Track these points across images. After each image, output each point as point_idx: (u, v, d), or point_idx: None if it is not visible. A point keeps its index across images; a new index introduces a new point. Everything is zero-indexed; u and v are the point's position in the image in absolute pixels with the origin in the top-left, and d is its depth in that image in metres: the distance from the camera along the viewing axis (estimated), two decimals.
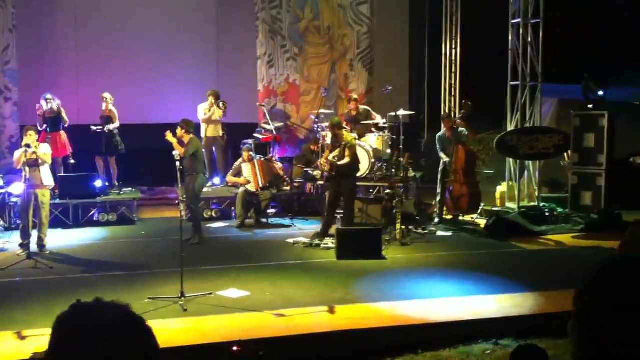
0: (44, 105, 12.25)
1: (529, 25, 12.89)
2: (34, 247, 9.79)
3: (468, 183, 12.08)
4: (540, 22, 12.78)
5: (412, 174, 12.78)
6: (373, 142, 12.77)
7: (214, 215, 12.56)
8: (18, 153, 9.73)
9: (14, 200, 11.34)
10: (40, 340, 6.27)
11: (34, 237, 9.87)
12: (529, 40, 12.87)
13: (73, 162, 12.63)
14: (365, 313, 7.41)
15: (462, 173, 12.01)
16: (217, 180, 13.65)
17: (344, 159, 10.61)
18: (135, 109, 14.23)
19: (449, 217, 12.40)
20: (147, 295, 7.70)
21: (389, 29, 16.20)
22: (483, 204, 12.63)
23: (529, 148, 12.55)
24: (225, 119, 13.70)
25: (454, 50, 15.57)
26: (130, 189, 13.07)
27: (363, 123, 13.21)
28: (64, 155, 12.51)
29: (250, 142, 13.33)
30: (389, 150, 13.01)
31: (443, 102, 15.66)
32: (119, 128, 12.94)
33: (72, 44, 14.93)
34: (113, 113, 12.85)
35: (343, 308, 7.56)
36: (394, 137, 12.94)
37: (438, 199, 12.29)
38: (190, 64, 15.25)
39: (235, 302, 7.73)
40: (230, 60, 15.55)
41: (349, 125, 13.03)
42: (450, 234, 11.55)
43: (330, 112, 14.17)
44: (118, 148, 12.93)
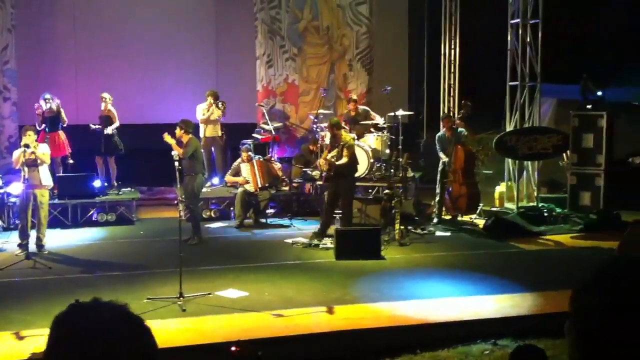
0: (43, 105, 12.24)
1: (528, 26, 12.90)
2: (33, 247, 9.78)
3: (467, 183, 12.08)
4: (539, 22, 12.79)
5: (411, 174, 12.78)
6: (372, 142, 12.77)
7: (213, 216, 12.55)
8: (17, 153, 9.72)
9: (13, 200, 11.33)
10: (39, 341, 6.27)
11: (33, 237, 9.87)
12: (528, 41, 12.88)
13: (72, 162, 12.62)
14: (364, 313, 7.42)
15: (461, 173, 12.01)
16: (216, 181, 13.64)
17: (342, 159, 10.62)
18: (134, 109, 14.21)
19: (448, 217, 12.40)
20: (145, 296, 7.70)
21: (388, 29, 16.20)
22: (482, 204, 12.63)
23: (528, 148, 12.56)
24: (224, 119, 13.70)
25: (453, 51, 15.57)
26: (129, 189, 13.06)
27: (362, 123, 13.21)
28: (63, 155, 12.50)
29: (249, 142, 13.32)
30: (388, 151, 13.01)
31: (442, 102, 15.66)
32: (119, 128, 12.94)
33: (71, 44, 14.92)
34: (112, 113, 12.85)
35: (342, 308, 7.57)
36: (393, 137, 12.94)
37: (437, 199, 12.29)
38: (190, 64, 15.24)
39: (234, 302, 7.73)
40: (229, 61, 15.55)
41: (348, 126, 13.03)
42: (449, 234, 11.54)
43: (329, 112, 14.16)
44: (117, 148, 12.92)
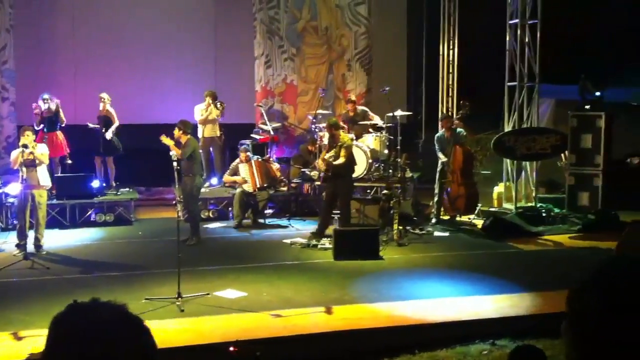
0: (42, 105, 12.23)
1: (527, 26, 12.90)
2: (31, 247, 9.77)
3: (465, 183, 12.08)
4: (538, 22, 12.80)
5: (409, 175, 12.79)
6: (370, 142, 12.78)
7: (211, 216, 12.55)
8: (15, 153, 9.72)
9: (11, 201, 11.32)
10: (37, 341, 6.27)
11: (31, 237, 9.86)
12: (527, 41, 12.88)
13: (70, 162, 12.61)
14: (363, 313, 7.42)
15: (459, 173, 12.01)
16: (214, 181, 13.63)
17: (339, 159, 10.62)
18: (133, 109, 14.19)
19: (446, 217, 12.40)
20: (144, 296, 7.70)
21: (387, 30, 16.19)
22: (480, 205, 12.64)
23: (526, 148, 12.57)
24: (223, 120, 13.69)
25: (452, 51, 15.56)
26: (128, 190, 13.05)
27: (360, 123, 13.22)
28: (61, 155, 12.49)
29: (248, 142, 13.32)
30: (387, 151, 13.02)
31: (440, 102, 15.66)
32: (118, 127, 12.91)
33: (70, 44, 14.91)
34: (110, 113, 12.83)
35: (340, 308, 7.57)
36: (392, 137, 12.95)
37: (436, 200, 12.29)
38: (188, 64, 15.23)
39: (233, 302, 7.73)
40: (228, 61, 15.54)
41: (347, 126, 13.04)
42: (448, 235, 11.55)
43: (328, 112, 14.15)
44: (116, 148, 12.91)
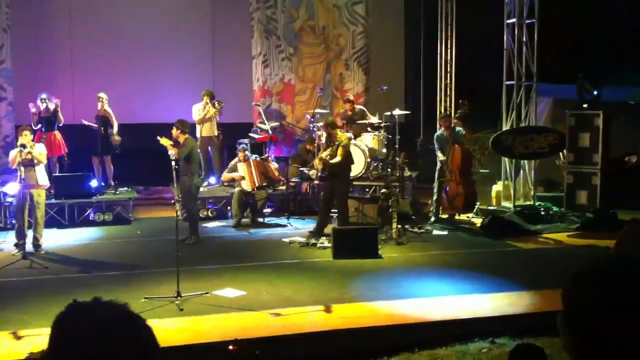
0: (40, 105, 12.21)
1: (524, 25, 12.90)
2: (30, 247, 9.76)
3: (464, 182, 12.08)
4: (535, 22, 12.80)
5: (407, 173, 12.80)
6: (369, 141, 12.79)
7: (210, 215, 12.55)
8: (13, 153, 9.71)
9: (10, 200, 11.32)
10: (36, 340, 6.27)
11: (30, 237, 9.86)
12: (524, 40, 12.89)
13: (68, 161, 12.60)
14: (362, 312, 7.43)
15: (458, 172, 12.02)
16: (212, 180, 13.64)
17: (336, 158, 10.63)
18: (131, 109, 14.19)
19: (445, 216, 12.41)
20: (143, 295, 7.69)
21: (384, 29, 16.19)
22: (479, 203, 12.65)
23: (524, 147, 12.57)
24: (221, 119, 13.68)
25: (449, 50, 15.56)
26: (126, 189, 13.04)
27: (359, 123, 13.23)
28: (59, 155, 12.48)
29: (246, 141, 13.32)
30: (385, 150, 13.03)
31: (438, 101, 15.66)
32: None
33: (67, 44, 14.89)
34: (108, 113, 12.82)
35: (339, 307, 7.58)
36: (390, 136, 12.96)
37: (434, 198, 12.29)
38: (186, 64, 15.23)
39: (232, 301, 7.73)
40: (226, 60, 15.54)
41: (345, 125, 13.05)
42: (446, 233, 11.56)
43: (326, 111, 14.16)
44: (113, 147, 12.89)
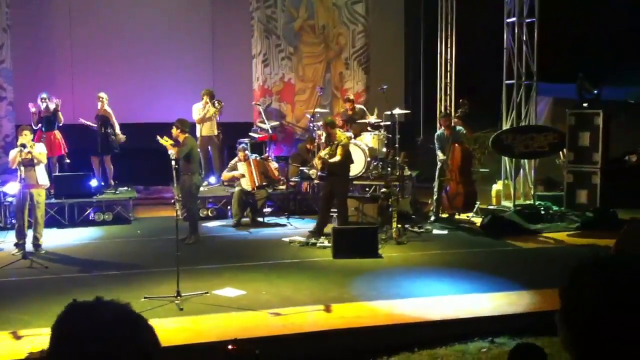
0: (41, 105, 12.21)
1: (524, 24, 12.90)
2: (30, 246, 9.76)
3: (464, 182, 12.09)
4: (535, 21, 12.80)
5: (407, 173, 12.80)
6: (369, 141, 12.79)
7: (210, 215, 12.55)
8: (13, 152, 9.71)
9: (10, 200, 11.31)
10: (36, 340, 6.27)
11: (30, 236, 9.86)
12: (524, 39, 12.88)
13: (68, 161, 12.60)
14: (362, 312, 7.43)
15: (458, 172, 12.02)
16: (213, 180, 13.63)
17: (335, 157, 10.63)
18: (131, 108, 14.18)
19: (445, 215, 12.41)
20: (143, 295, 7.69)
21: (384, 28, 16.18)
22: (479, 203, 12.65)
23: (524, 146, 12.57)
24: (221, 118, 13.67)
25: (449, 49, 15.55)
26: (126, 188, 13.04)
27: (359, 122, 13.24)
28: (59, 155, 12.48)
29: (246, 141, 13.32)
30: (385, 149, 13.03)
31: (438, 101, 15.65)
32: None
33: (67, 44, 14.89)
34: (108, 113, 12.81)
35: (339, 307, 7.57)
36: (390, 135, 12.96)
37: (435, 198, 12.30)
38: (186, 63, 15.22)
39: (231, 301, 7.73)
40: (226, 60, 15.54)
41: (345, 125, 13.05)
42: (446, 233, 11.56)
43: (326, 111, 14.15)
44: (112, 147, 12.89)
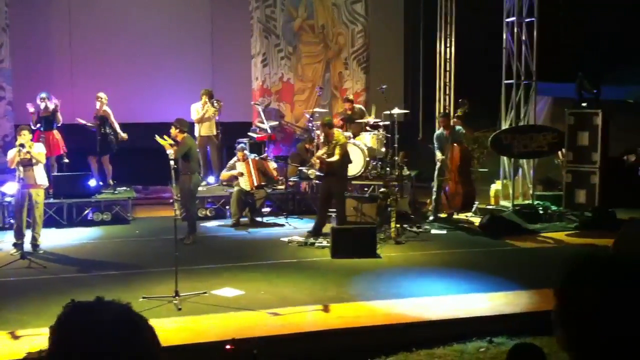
0: (40, 105, 12.19)
1: (523, 24, 12.91)
2: (28, 246, 9.76)
3: (463, 181, 12.09)
4: (535, 20, 12.80)
5: (406, 173, 12.80)
6: (368, 140, 12.78)
7: (209, 214, 12.54)
8: (12, 152, 9.71)
9: (8, 200, 11.30)
10: (34, 340, 6.27)
11: (28, 236, 9.85)
12: (523, 39, 12.89)
13: (67, 161, 12.59)
14: (360, 311, 7.43)
15: (457, 172, 12.03)
16: (211, 180, 13.63)
17: (334, 157, 10.63)
18: (130, 108, 14.17)
19: (444, 215, 12.41)
20: (141, 295, 7.68)
21: (384, 28, 16.18)
22: (477, 202, 12.65)
23: (523, 146, 12.57)
24: (220, 118, 13.67)
25: (449, 49, 15.55)
26: (125, 188, 13.03)
27: (358, 122, 13.24)
28: (57, 155, 12.47)
29: (245, 141, 13.32)
30: (384, 149, 13.03)
31: (437, 100, 15.65)
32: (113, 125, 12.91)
33: (66, 43, 14.88)
34: (107, 113, 12.81)
35: (338, 306, 7.58)
36: (389, 135, 12.96)
37: (433, 197, 12.30)
38: (185, 63, 15.22)
39: (230, 301, 7.73)
40: (225, 59, 15.53)
41: (345, 125, 13.06)
42: (445, 232, 11.56)
43: (325, 110, 14.15)
44: (110, 147, 12.88)
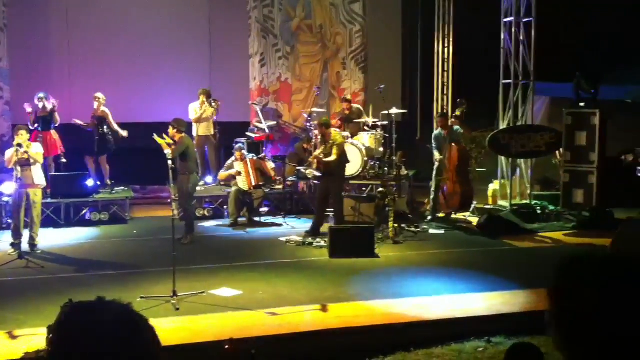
0: (38, 104, 12.17)
1: (521, 24, 12.92)
2: (26, 246, 9.76)
3: (461, 181, 12.10)
4: (532, 20, 12.82)
5: (404, 172, 12.80)
6: (366, 140, 12.79)
7: (207, 214, 12.53)
8: (9, 152, 9.69)
9: (6, 200, 11.29)
10: (32, 340, 6.27)
11: (26, 236, 9.85)
12: (521, 39, 12.90)
13: (65, 161, 12.57)
14: (358, 311, 7.43)
15: (455, 171, 12.03)
16: (209, 179, 13.62)
17: (331, 157, 10.63)
18: (128, 108, 14.16)
19: (442, 215, 12.42)
20: (139, 295, 7.68)
21: (382, 28, 16.18)
22: (475, 202, 12.66)
23: (521, 146, 12.59)
24: (218, 118, 13.66)
25: (446, 49, 15.56)
26: (123, 188, 13.02)
27: (356, 122, 13.25)
28: (55, 155, 12.45)
29: (243, 140, 13.31)
30: (382, 149, 13.03)
31: (435, 100, 15.66)
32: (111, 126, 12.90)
33: (64, 43, 14.86)
34: (105, 113, 12.79)
35: (336, 306, 7.58)
36: (387, 135, 12.96)
37: (432, 197, 12.31)
38: (183, 63, 15.21)
39: (228, 300, 7.73)
40: (223, 59, 15.52)
41: (343, 125, 13.05)
42: (443, 232, 11.56)
43: (323, 110, 14.15)
44: (108, 147, 12.86)
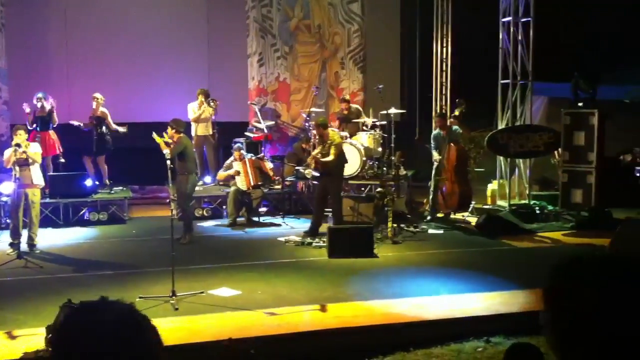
0: (37, 104, 12.17)
1: (519, 24, 12.93)
2: (24, 246, 9.75)
3: (459, 181, 12.10)
4: (531, 20, 12.83)
5: (403, 172, 12.81)
6: (364, 140, 12.79)
7: (205, 214, 12.53)
8: (8, 152, 9.68)
9: (4, 200, 11.28)
10: (31, 340, 6.26)
11: (25, 236, 9.84)
12: (520, 39, 12.91)
13: (63, 161, 12.57)
14: (357, 311, 7.43)
15: (453, 171, 12.04)
16: (208, 179, 13.63)
17: (329, 157, 10.62)
18: (127, 108, 14.15)
19: (440, 215, 12.43)
20: (138, 295, 7.66)
21: (380, 27, 16.18)
22: (474, 202, 12.66)
23: (520, 146, 12.60)
24: (216, 118, 13.67)
25: (445, 49, 15.57)
26: (121, 188, 13.02)
27: (354, 121, 13.25)
28: (53, 155, 12.45)
29: (242, 140, 13.32)
30: (381, 149, 13.04)
31: (434, 100, 15.66)
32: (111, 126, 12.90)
33: (63, 43, 14.86)
34: (104, 113, 12.79)
35: (335, 306, 7.58)
36: (386, 135, 12.97)
37: (430, 197, 12.31)
38: (182, 63, 15.21)
39: (227, 300, 7.72)
40: (221, 59, 15.52)
41: (341, 125, 13.06)
42: (442, 232, 11.57)
43: (321, 110, 14.16)
44: (106, 147, 12.86)
